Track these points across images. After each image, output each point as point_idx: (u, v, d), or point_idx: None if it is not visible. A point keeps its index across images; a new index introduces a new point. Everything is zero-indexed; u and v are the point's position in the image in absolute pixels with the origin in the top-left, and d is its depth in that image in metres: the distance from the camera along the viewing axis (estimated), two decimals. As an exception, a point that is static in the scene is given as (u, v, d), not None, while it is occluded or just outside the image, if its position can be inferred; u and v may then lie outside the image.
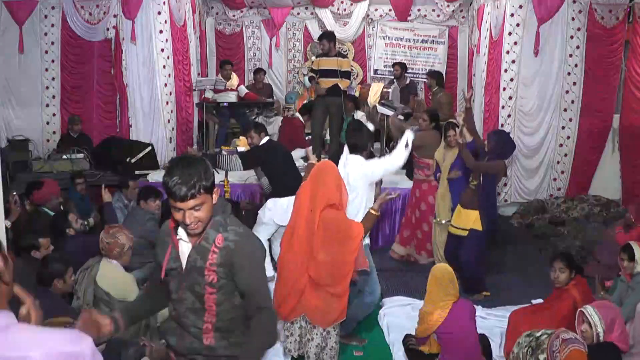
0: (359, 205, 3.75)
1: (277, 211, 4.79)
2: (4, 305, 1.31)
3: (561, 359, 2.64)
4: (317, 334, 3.26)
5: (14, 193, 4.80)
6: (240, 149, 6.37)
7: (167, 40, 6.99)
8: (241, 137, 6.77)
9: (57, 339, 1.28)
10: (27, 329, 1.31)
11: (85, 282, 3.51)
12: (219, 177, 6.14)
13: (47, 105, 7.54)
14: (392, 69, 8.25)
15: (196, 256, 2.01)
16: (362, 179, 3.81)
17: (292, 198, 3.61)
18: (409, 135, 4.00)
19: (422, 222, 5.47)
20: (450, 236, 4.87)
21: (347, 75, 6.76)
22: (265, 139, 5.01)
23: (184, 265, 2.03)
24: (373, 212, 3.43)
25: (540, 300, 4.25)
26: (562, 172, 6.77)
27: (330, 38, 6.64)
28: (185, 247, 2.04)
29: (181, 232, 2.03)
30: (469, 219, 4.66)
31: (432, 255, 5.38)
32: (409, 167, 5.76)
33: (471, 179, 4.71)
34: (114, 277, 3.49)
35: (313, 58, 7.34)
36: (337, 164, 3.87)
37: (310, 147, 4.41)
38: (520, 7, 6.37)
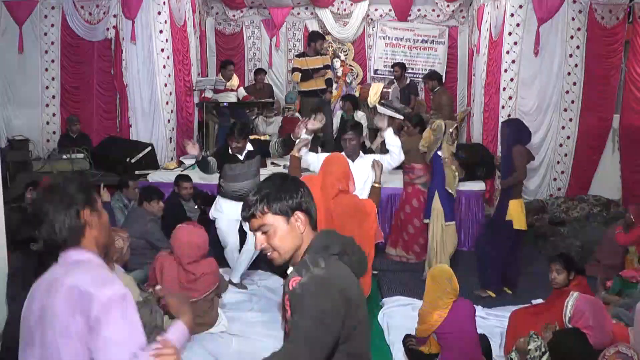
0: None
1: None
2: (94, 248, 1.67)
3: None
4: None
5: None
6: None
7: (167, 40, 6.99)
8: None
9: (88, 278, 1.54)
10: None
11: None
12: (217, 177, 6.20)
13: (47, 105, 7.56)
14: (392, 69, 8.26)
15: (282, 300, 1.65)
16: None
17: None
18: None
19: (408, 225, 5.51)
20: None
21: (328, 67, 7.51)
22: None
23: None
24: (377, 185, 3.55)
25: (540, 300, 4.25)
26: (562, 172, 6.77)
27: (324, 37, 7.20)
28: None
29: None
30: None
31: (420, 257, 5.42)
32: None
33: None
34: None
35: (296, 59, 7.53)
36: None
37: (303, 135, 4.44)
38: (520, 7, 6.37)
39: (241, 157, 4.66)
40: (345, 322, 1.56)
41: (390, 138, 4.54)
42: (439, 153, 4.91)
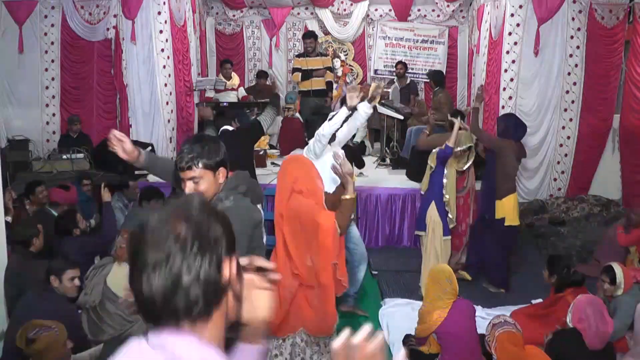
0: None
1: None
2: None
3: (495, 344, 2.73)
4: (309, 356, 2.87)
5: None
6: None
7: (167, 40, 6.98)
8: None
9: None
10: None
11: (95, 280, 3.64)
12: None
13: (47, 105, 7.54)
14: (392, 69, 8.25)
15: None
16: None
17: None
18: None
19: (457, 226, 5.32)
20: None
21: (330, 69, 7.54)
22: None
23: None
24: (347, 197, 2.70)
25: (540, 300, 4.26)
26: (562, 172, 6.77)
27: (316, 37, 7.23)
28: None
29: None
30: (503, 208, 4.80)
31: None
32: (411, 168, 5.75)
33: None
34: (124, 279, 3.52)
35: (296, 59, 7.54)
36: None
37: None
38: (520, 7, 6.37)
39: None
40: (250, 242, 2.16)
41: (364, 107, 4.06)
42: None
